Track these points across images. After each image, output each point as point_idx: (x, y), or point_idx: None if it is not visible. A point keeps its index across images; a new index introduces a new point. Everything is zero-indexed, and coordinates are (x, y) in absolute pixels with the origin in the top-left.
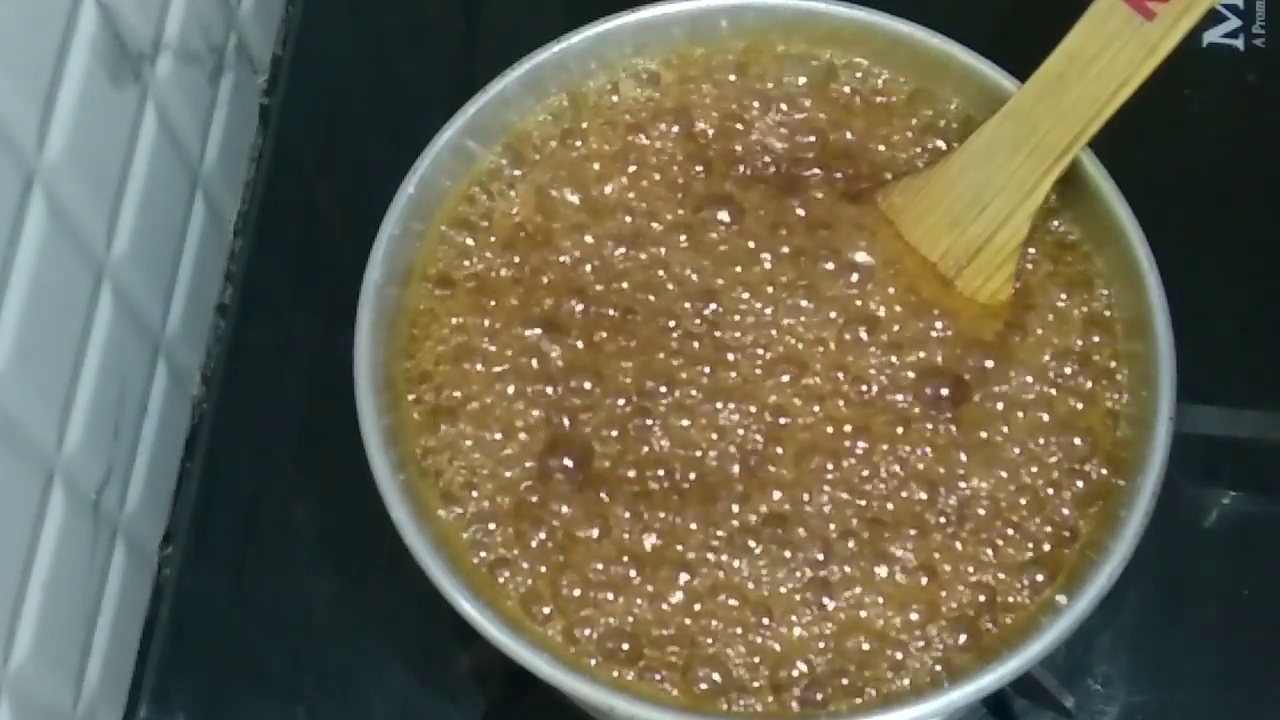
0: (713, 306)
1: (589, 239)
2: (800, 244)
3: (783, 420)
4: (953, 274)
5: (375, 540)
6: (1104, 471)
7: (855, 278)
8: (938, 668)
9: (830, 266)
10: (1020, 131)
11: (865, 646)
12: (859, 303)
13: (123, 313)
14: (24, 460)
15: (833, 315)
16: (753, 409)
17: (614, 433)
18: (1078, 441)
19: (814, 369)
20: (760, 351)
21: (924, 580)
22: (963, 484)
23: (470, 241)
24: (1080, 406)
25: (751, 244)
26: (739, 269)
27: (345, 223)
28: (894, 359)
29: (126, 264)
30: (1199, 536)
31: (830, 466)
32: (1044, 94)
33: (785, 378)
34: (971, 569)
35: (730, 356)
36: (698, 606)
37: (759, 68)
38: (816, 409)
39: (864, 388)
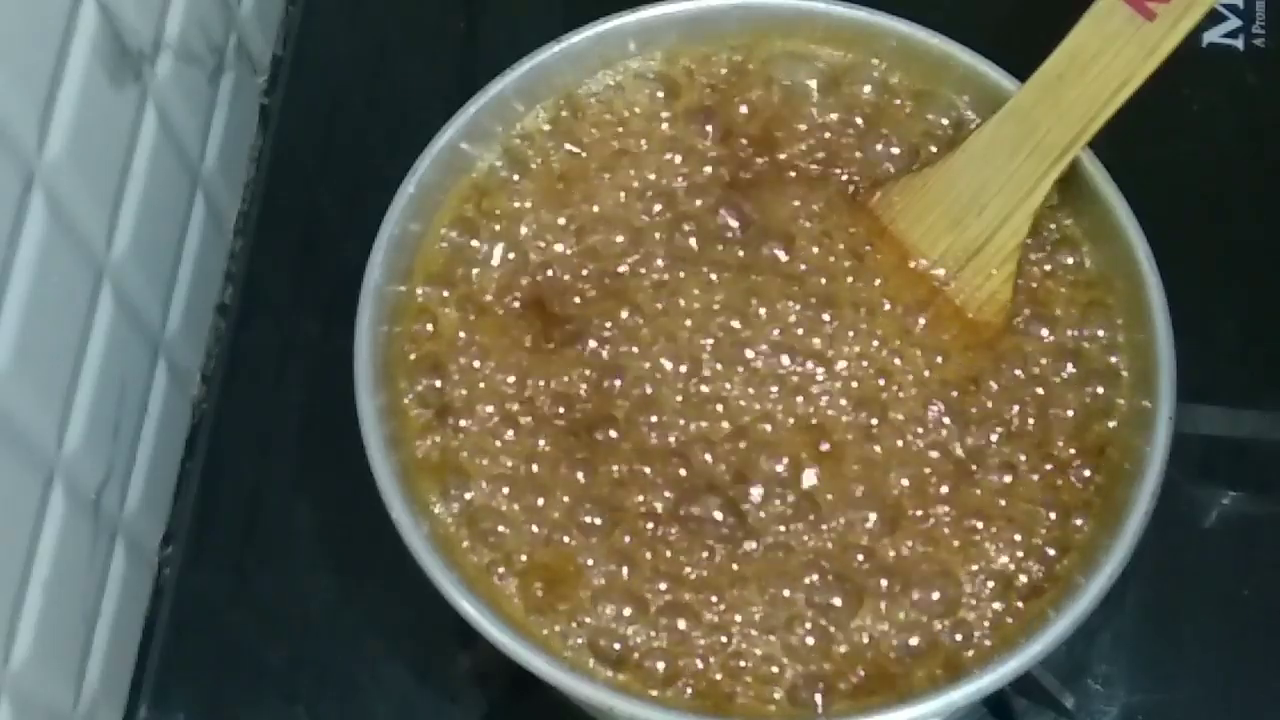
0: (708, 308)
1: (589, 239)
2: (801, 246)
3: (783, 429)
4: (953, 273)
5: (375, 540)
6: (1104, 471)
7: (851, 280)
8: (937, 669)
9: (831, 269)
10: (1020, 131)
11: (866, 647)
12: (858, 302)
13: (123, 313)
14: (24, 460)
15: (826, 317)
16: (751, 420)
17: (616, 434)
18: (1077, 442)
19: (813, 374)
20: (762, 360)
21: (924, 582)
22: (962, 485)
23: (470, 242)
24: (1080, 407)
25: (751, 247)
26: (738, 272)
27: (345, 223)
28: (892, 360)
29: (126, 264)
30: (1199, 536)
31: (830, 474)
32: (1044, 94)
33: (786, 386)
34: (972, 570)
35: (734, 364)
36: (699, 608)
37: (759, 67)
38: (817, 417)
39: (863, 391)
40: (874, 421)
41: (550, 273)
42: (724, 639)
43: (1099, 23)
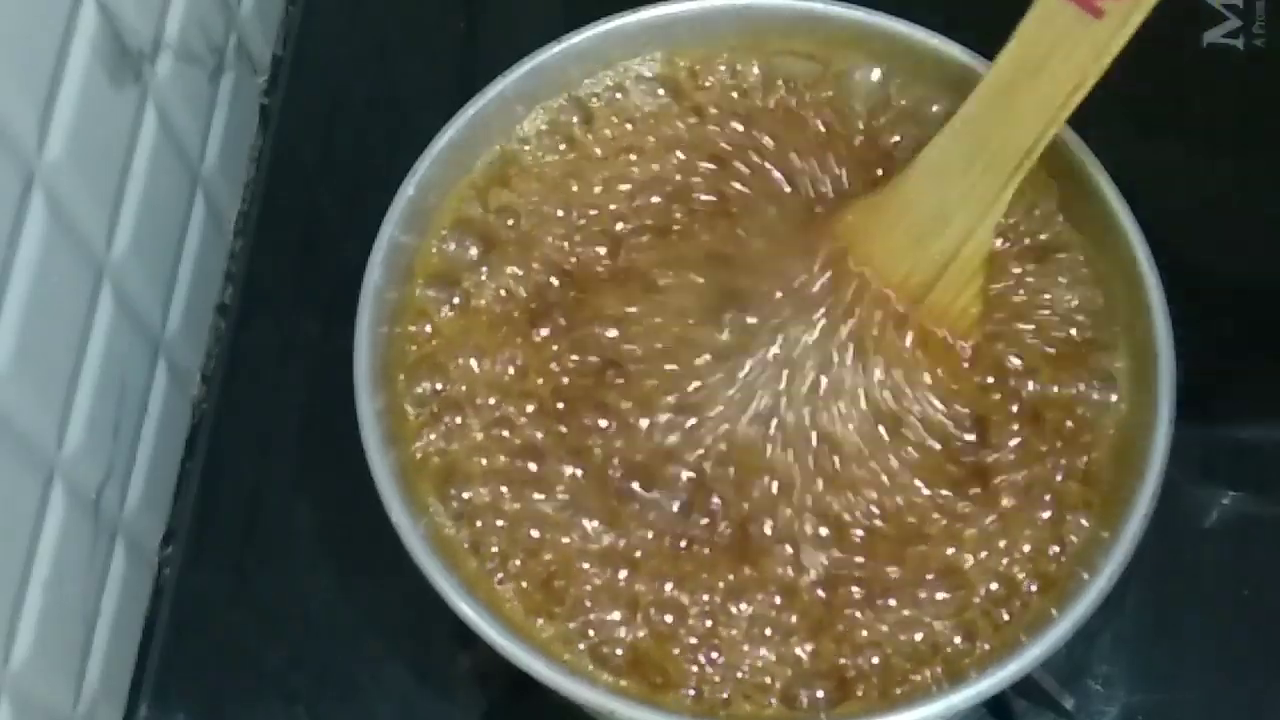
0: (707, 306)
1: (588, 239)
2: (801, 252)
3: (784, 431)
4: (922, 291)
5: (375, 540)
6: (1104, 472)
7: (850, 284)
8: (938, 669)
9: (830, 277)
10: (971, 145)
11: (865, 650)
12: (856, 308)
13: (123, 313)
14: (24, 460)
15: (830, 317)
16: (753, 421)
17: (615, 435)
18: (1077, 443)
19: (816, 377)
20: (763, 361)
21: (925, 585)
22: (962, 486)
23: (469, 243)
24: (1080, 408)
25: (753, 249)
26: (738, 277)
27: (345, 223)
28: (889, 369)
29: (126, 264)
30: (1199, 536)
31: (832, 476)
32: (992, 104)
33: (787, 387)
34: (972, 572)
35: (735, 365)
36: (698, 611)
37: (759, 68)
38: (819, 419)
39: (860, 403)
40: (869, 429)
41: (550, 272)
42: (723, 642)
43: (1045, 24)
